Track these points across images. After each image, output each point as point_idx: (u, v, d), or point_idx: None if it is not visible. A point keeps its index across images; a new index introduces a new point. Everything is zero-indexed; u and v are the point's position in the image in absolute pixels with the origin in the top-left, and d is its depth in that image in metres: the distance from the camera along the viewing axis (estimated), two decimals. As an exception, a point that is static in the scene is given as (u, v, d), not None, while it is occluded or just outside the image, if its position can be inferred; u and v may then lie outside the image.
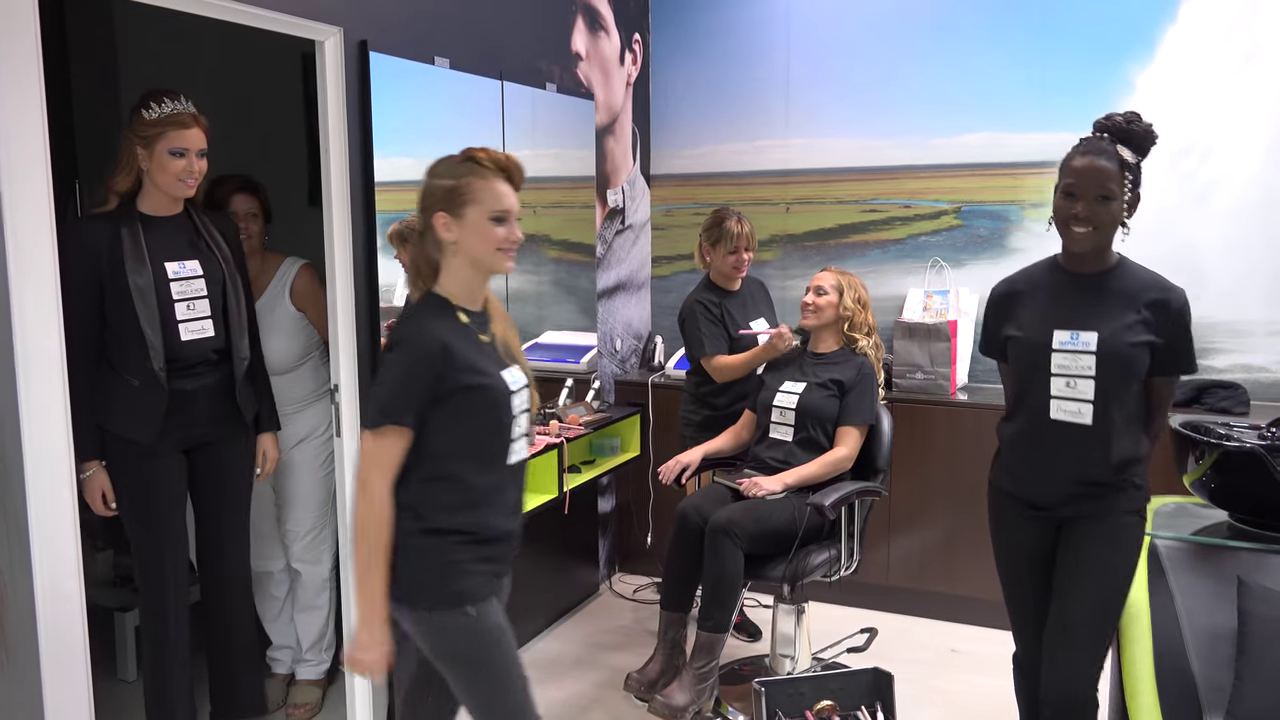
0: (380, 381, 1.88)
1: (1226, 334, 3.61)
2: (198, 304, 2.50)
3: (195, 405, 2.52)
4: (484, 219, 1.93)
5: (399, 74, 2.92)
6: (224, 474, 2.65)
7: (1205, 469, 2.48)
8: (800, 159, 4.20)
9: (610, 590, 4.22)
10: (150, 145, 2.39)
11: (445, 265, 1.96)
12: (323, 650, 3.15)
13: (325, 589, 3.12)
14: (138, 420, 2.43)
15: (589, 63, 3.96)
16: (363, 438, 1.87)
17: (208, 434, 2.58)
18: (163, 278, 2.44)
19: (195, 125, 2.43)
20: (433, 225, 1.92)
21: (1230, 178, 3.57)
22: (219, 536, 2.68)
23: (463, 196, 1.92)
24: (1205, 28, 3.53)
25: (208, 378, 2.54)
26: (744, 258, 3.37)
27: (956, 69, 3.89)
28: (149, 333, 2.38)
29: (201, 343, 2.51)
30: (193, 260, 2.51)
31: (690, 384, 3.50)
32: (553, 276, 3.85)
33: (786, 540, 2.92)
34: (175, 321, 2.45)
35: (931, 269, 4.01)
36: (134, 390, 2.42)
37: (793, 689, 2.74)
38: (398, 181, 2.97)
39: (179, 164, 2.41)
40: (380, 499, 1.85)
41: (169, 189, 2.44)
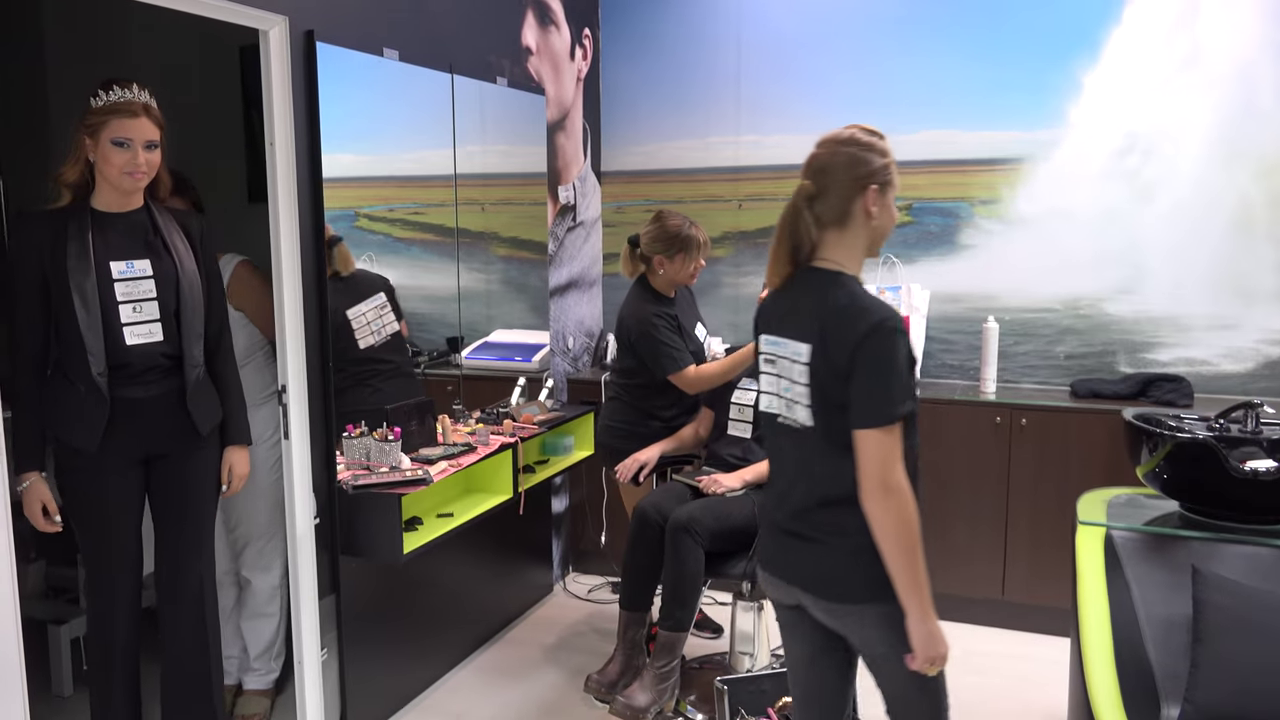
0: (881, 372, 1.76)
1: (1170, 328, 3.69)
2: (145, 306, 2.35)
3: (147, 415, 2.39)
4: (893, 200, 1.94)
5: (346, 66, 2.84)
6: (182, 489, 2.49)
7: (1158, 460, 2.52)
8: (752, 156, 4.19)
9: (564, 590, 4.17)
10: (96, 134, 2.26)
11: (856, 244, 1.90)
12: (271, 659, 3.05)
13: (275, 596, 3.02)
14: (82, 428, 2.31)
15: (539, 57, 3.91)
16: (868, 438, 1.76)
17: (164, 446, 2.44)
18: (106, 278, 2.30)
19: (144, 115, 2.28)
20: (865, 200, 1.87)
21: (1173, 176, 3.64)
22: (174, 553, 2.52)
23: (888, 176, 1.92)
24: (1148, 29, 3.60)
25: (159, 386, 2.40)
26: (702, 265, 3.29)
27: (907, 66, 3.92)
28: (88, 336, 2.26)
29: (148, 348, 2.36)
30: (143, 260, 2.36)
31: (633, 395, 3.32)
32: (502, 274, 3.80)
33: (746, 537, 2.90)
34: (119, 325, 2.31)
35: (883, 265, 4.03)
36: (79, 396, 2.30)
37: (754, 686, 2.73)
38: (344, 178, 2.89)
39: (122, 155, 2.27)
40: (910, 496, 1.76)
41: (115, 182, 2.31)
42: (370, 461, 2.91)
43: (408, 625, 3.21)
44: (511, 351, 3.81)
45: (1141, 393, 3.58)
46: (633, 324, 3.23)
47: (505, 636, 3.73)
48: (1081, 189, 3.74)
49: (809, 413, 1.85)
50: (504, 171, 3.78)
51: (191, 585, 2.54)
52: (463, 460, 3.09)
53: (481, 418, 3.53)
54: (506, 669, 3.46)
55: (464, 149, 3.44)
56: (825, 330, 1.81)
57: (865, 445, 1.77)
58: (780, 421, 1.92)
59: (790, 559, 1.93)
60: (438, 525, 3.04)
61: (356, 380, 3.00)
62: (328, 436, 2.81)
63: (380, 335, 3.07)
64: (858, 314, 1.79)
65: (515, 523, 3.61)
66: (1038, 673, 3.33)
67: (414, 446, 3.07)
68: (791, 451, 1.91)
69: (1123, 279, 3.73)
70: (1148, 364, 3.73)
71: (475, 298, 3.62)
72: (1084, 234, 3.76)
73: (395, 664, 3.15)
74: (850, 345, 1.77)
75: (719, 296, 4.30)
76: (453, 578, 3.44)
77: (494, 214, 3.71)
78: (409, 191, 3.32)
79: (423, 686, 3.30)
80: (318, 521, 2.76)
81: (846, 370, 1.78)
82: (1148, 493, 2.73)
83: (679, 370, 3.16)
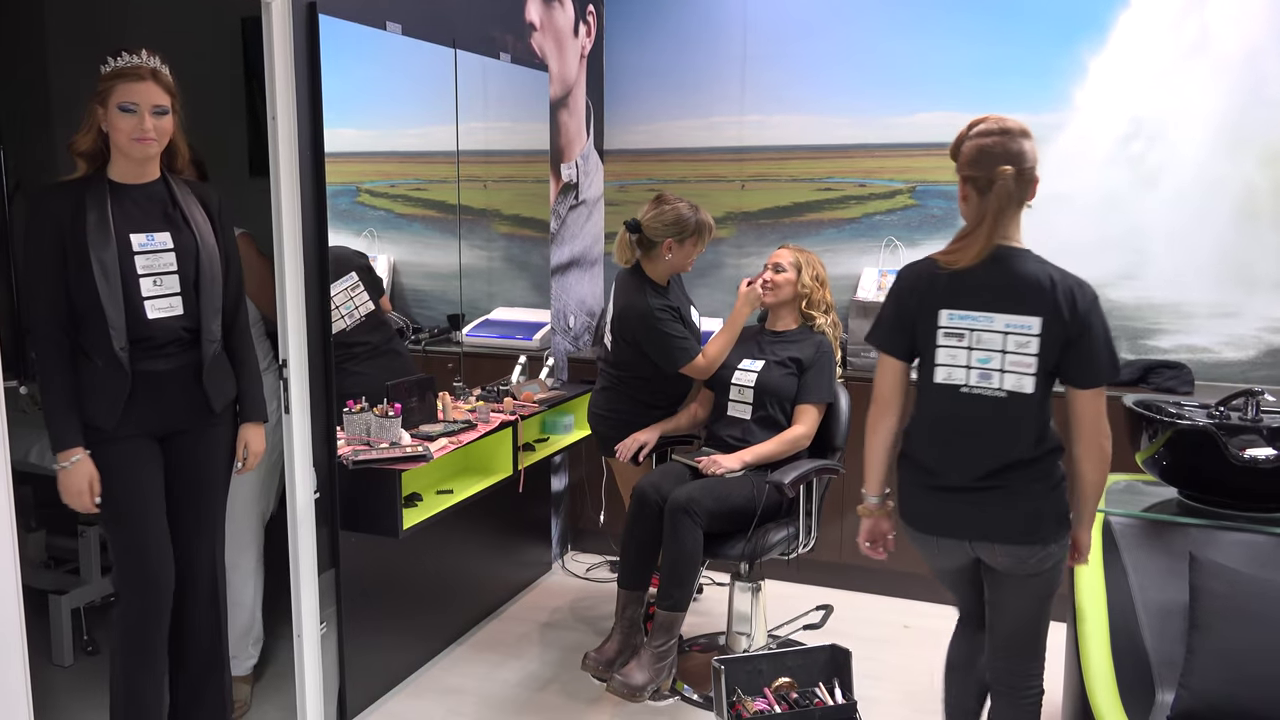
0: (1106, 336, 2.03)
1: (1171, 315, 3.69)
2: (166, 279, 2.31)
3: (167, 389, 2.34)
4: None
5: (349, 39, 2.82)
6: (196, 466, 2.46)
7: (1158, 447, 2.52)
8: (755, 136, 4.17)
9: (563, 569, 4.18)
10: (105, 100, 2.21)
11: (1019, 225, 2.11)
12: (250, 645, 3.01)
13: (250, 580, 2.99)
14: (101, 405, 2.26)
15: (543, 33, 3.88)
16: (1096, 394, 2.05)
17: (181, 421, 2.40)
18: (127, 250, 2.25)
19: (150, 79, 2.23)
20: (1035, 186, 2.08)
21: (1178, 162, 3.63)
22: (185, 533, 2.46)
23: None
24: (1158, 12, 3.57)
25: (178, 360, 2.35)
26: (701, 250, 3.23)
27: (912, 48, 3.89)
28: (110, 310, 2.21)
29: (169, 321, 2.32)
30: (163, 232, 2.31)
31: (631, 387, 3.25)
32: (504, 252, 3.78)
33: (745, 518, 2.91)
34: (140, 298, 2.27)
35: (886, 248, 4.02)
36: (98, 372, 2.25)
37: (751, 666, 2.74)
38: (346, 153, 2.88)
39: (129, 121, 2.21)
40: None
41: (125, 150, 2.24)
42: (370, 437, 2.92)
43: (407, 601, 3.22)
44: (512, 330, 3.80)
45: (1142, 379, 3.58)
46: (635, 319, 3.14)
47: (503, 614, 3.75)
48: (1085, 173, 3.73)
49: (1032, 380, 2.04)
50: (506, 148, 3.76)
51: (206, 563, 2.52)
52: (463, 437, 3.09)
53: (482, 395, 3.53)
54: (504, 646, 3.48)
55: (466, 125, 3.42)
56: (1057, 302, 2.01)
57: (1094, 401, 2.05)
58: (966, 391, 2.09)
59: (976, 515, 2.12)
60: (437, 502, 3.04)
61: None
62: (328, 411, 2.81)
63: (353, 317, 3.01)
64: (1077, 285, 2.03)
65: (514, 500, 3.62)
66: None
67: (414, 423, 3.07)
68: (989, 417, 2.08)
69: (1125, 265, 3.72)
70: (1149, 350, 3.73)
71: (477, 275, 3.61)
72: (1086, 219, 3.74)
73: (394, 639, 3.17)
74: (1081, 314, 2.01)
75: (721, 277, 4.29)
76: (452, 554, 3.45)
77: (496, 191, 3.69)
78: (411, 167, 3.30)
79: (421, 662, 3.31)
80: (318, 496, 2.76)
81: (1075, 337, 2.01)
82: (1146, 479, 2.73)
83: (691, 360, 3.12)
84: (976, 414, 2.08)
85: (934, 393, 2.13)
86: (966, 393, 2.08)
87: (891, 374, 2.21)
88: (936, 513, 2.18)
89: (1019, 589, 2.16)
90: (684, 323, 3.18)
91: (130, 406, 2.29)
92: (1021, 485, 2.08)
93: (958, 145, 2.15)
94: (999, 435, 2.08)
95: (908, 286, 2.17)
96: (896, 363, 2.20)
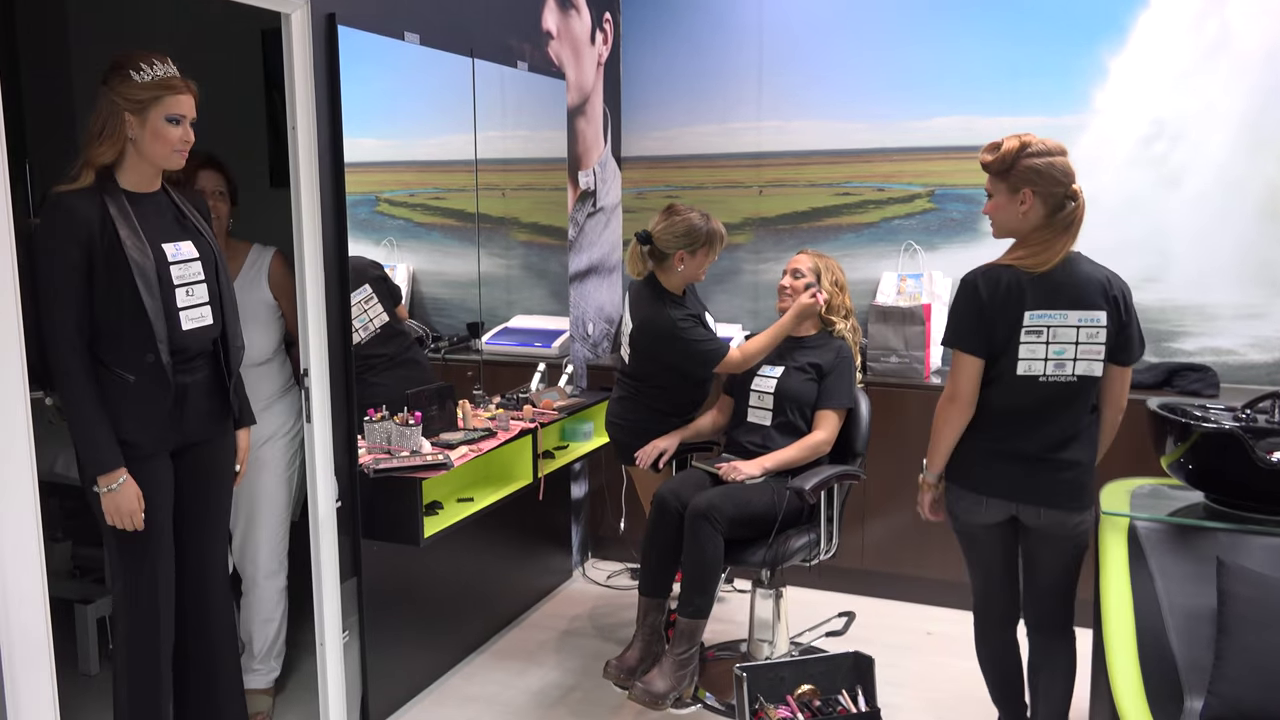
0: (1138, 322, 2.42)
1: (1195, 317, 3.65)
2: (196, 289, 2.29)
3: (190, 402, 2.32)
4: None
5: (368, 49, 2.84)
6: (211, 476, 2.44)
7: (1184, 451, 2.50)
8: (773, 142, 4.17)
9: (583, 576, 4.18)
10: (143, 112, 2.16)
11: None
12: (273, 658, 3.01)
13: (282, 599, 2.99)
14: (137, 421, 2.21)
15: (560, 41, 3.89)
16: (1128, 370, 2.44)
17: (199, 433, 2.38)
18: (163, 260, 2.22)
19: (188, 91, 2.22)
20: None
21: (1200, 162, 3.60)
22: (202, 547, 2.46)
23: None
24: (1178, 12, 3.55)
25: (204, 371, 2.35)
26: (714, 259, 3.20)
27: (929, 52, 3.88)
28: (155, 321, 2.15)
29: (202, 332, 2.30)
30: (186, 241, 2.29)
31: (650, 397, 3.22)
32: (522, 260, 3.79)
33: (766, 525, 2.90)
34: (176, 309, 2.24)
35: (905, 253, 4.00)
36: (129, 387, 2.19)
37: (774, 674, 2.73)
38: (365, 162, 2.90)
39: (175, 132, 2.19)
40: None
41: (161, 160, 2.22)
42: (391, 446, 2.93)
43: (428, 609, 3.23)
44: (531, 337, 3.81)
45: (1166, 382, 3.54)
46: (658, 335, 3.10)
47: (524, 621, 3.75)
48: (1106, 175, 3.70)
49: (1100, 365, 2.37)
50: (524, 156, 3.77)
51: (219, 572, 2.52)
52: (483, 445, 3.09)
53: (501, 403, 3.53)
54: (525, 654, 3.48)
55: (484, 134, 3.43)
56: (1114, 297, 2.36)
57: (1128, 375, 2.45)
58: (1043, 380, 2.37)
59: (1028, 482, 2.41)
60: (458, 510, 3.05)
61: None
62: (349, 420, 2.82)
63: (367, 330, 3.01)
64: (1120, 280, 2.40)
65: (535, 508, 3.62)
66: (1057, 662, 3.31)
67: (435, 431, 3.08)
68: (1058, 402, 2.38)
69: (1147, 267, 3.69)
70: (1173, 353, 3.69)
71: (495, 283, 3.62)
72: (1108, 221, 3.70)
73: (415, 647, 3.17)
74: (1127, 305, 2.38)
75: (739, 283, 4.29)
76: (472, 562, 3.46)
77: (514, 199, 3.71)
78: (429, 176, 3.32)
79: (442, 670, 3.32)
80: (339, 505, 2.78)
81: (1124, 325, 2.38)
82: (1172, 483, 2.70)
83: (722, 358, 3.08)
84: (1050, 397, 2.38)
85: (1014, 383, 2.39)
86: (1044, 381, 2.37)
87: (973, 372, 2.41)
88: (994, 476, 2.45)
89: (1056, 548, 2.47)
90: (705, 327, 3.17)
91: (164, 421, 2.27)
92: (1073, 456, 2.40)
93: (1013, 160, 2.37)
94: (1067, 413, 2.40)
95: (989, 291, 2.37)
96: (978, 361, 2.40)
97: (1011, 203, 2.38)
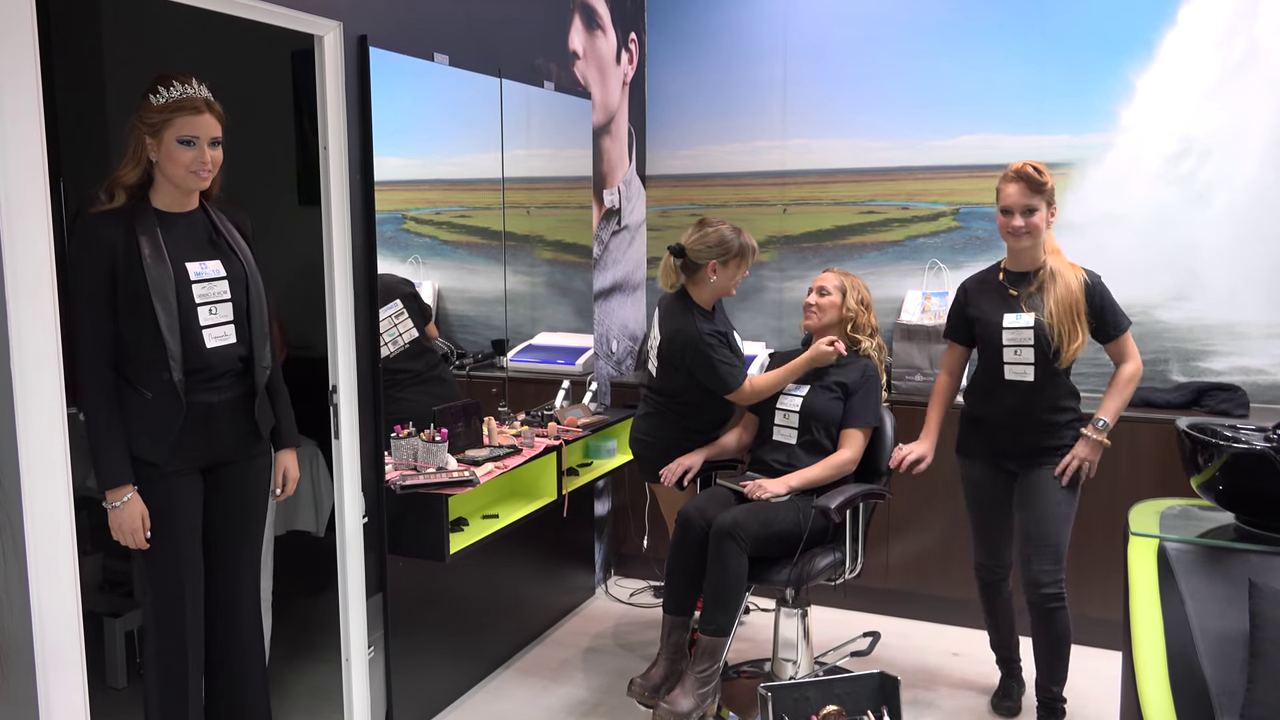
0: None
1: (1225, 336, 3.62)
2: (221, 308, 2.30)
3: (217, 420, 2.33)
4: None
5: (398, 70, 2.88)
6: (243, 497, 2.45)
7: (1214, 471, 2.47)
8: (797, 160, 4.18)
9: (606, 594, 4.18)
10: (158, 133, 2.19)
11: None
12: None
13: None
14: (151, 438, 2.23)
15: (586, 62, 3.93)
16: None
17: (229, 452, 2.39)
18: (184, 279, 2.24)
19: (208, 111, 2.22)
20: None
21: (1229, 179, 3.57)
22: (232, 566, 2.46)
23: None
24: (1206, 29, 3.53)
25: (232, 390, 2.35)
26: (745, 273, 3.23)
27: (954, 70, 3.89)
28: (169, 339, 2.18)
29: (226, 350, 2.31)
30: (214, 260, 2.31)
31: (678, 413, 3.23)
32: (547, 277, 3.82)
33: (791, 543, 2.89)
34: (199, 327, 2.26)
35: (929, 270, 4.00)
36: (146, 404, 2.22)
37: (798, 694, 2.71)
38: (393, 181, 2.93)
39: (188, 154, 2.20)
40: None
41: (179, 181, 2.24)
42: (417, 462, 2.94)
43: (452, 625, 3.24)
44: (556, 354, 3.83)
45: (1195, 402, 3.51)
46: (684, 345, 3.12)
47: (548, 638, 3.75)
48: (1133, 193, 3.68)
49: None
50: (549, 175, 3.80)
51: (250, 596, 2.53)
52: (508, 462, 3.11)
53: (526, 420, 3.55)
54: (549, 671, 3.48)
55: (510, 152, 3.47)
56: None
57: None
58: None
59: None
60: (483, 526, 3.06)
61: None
62: (376, 436, 2.84)
63: (397, 344, 3.04)
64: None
65: (559, 525, 3.63)
66: (1085, 685, 3.27)
67: (460, 448, 3.10)
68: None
69: (1176, 285, 3.66)
70: (1201, 373, 3.66)
71: (520, 300, 3.64)
72: (1135, 239, 3.70)
73: (439, 663, 3.18)
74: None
75: (763, 301, 4.29)
76: (497, 579, 3.47)
77: (539, 217, 3.73)
78: (456, 194, 3.35)
79: (466, 686, 3.32)
80: (366, 521, 2.79)
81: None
82: (1202, 504, 2.67)
83: (738, 385, 3.10)
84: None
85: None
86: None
87: None
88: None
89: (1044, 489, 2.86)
90: (730, 348, 3.17)
91: (180, 439, 2.27)
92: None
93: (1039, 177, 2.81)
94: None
95: None
96: None
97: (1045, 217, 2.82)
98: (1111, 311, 2.88)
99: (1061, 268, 2.87)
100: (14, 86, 1.88)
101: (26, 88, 1.90)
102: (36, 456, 1.97)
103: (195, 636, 2.39)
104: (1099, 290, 2.86)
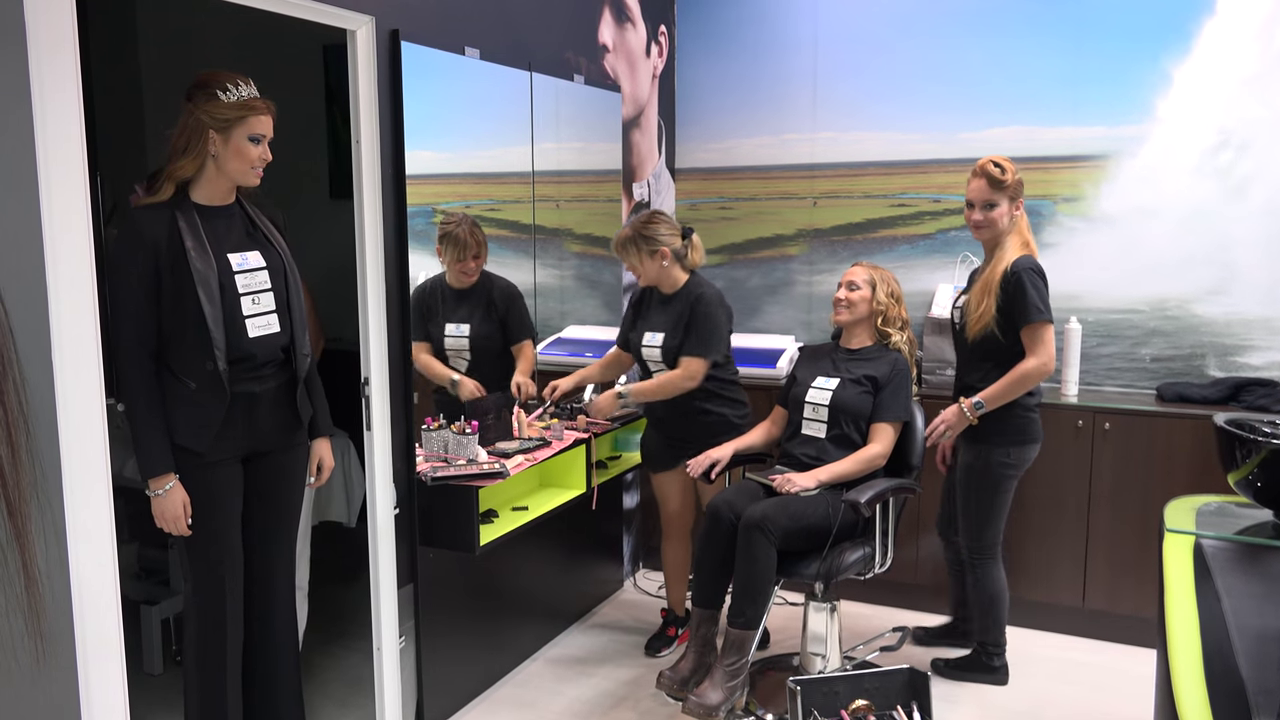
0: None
1: (1263, 331, 3.56)
2: (263, 298, 2.34)
3: (259, 410, 2.37)
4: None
5: (429, 64, 2.89)
6: (280, 486, 2.49)
7: (1252, 468, 2.44)
8: (827, 153, 4.16)
9: (634, 587, 4.19)
10: (228, 130, 2.24)
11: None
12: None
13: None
14: (194, 427, 2.27)
15: (615, 55, 3.93)
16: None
17: (269, 441, 2.43)
18: (227, 270, 2.28)
19: (268, 111, 2.30)
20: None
21: (1267, 172, 3.51)
22: (269, 554, 2.50)
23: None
24: (1245, 19, 3.48)
25: (274, 379, 2.39)
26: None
27: (987, 62, 3.85)
28: (214, 330, 2.22)
29: (269, 339, 2.35)
30: (253, 251, 2.36)
31: (716, 385, 3.29)
32: (576, 270, 3.82)
33: (820, 537, 2.88)
34: (243, 318, 2.30)
35: (961, 264, 3.96)
36: (189, 394, 2.26)
37: (828, 688, 2.71)
38: (423, 174, 2.94)
39: (256, 151, 2.28)
40: None
41: (239, 177, 2.30)
42: (448, 454, 2.96)
43: (482, 616, 3.26)
44: (584, 347, 3.83)
45: (1232, 397, 3.46)
46: (708, 303, 3.23)
47: (576, 630, 3.77)
48: (1170, 186, 3.63)
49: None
50: (579, 168, 3.81)
51: (285, 584, 2.56)
52: (538, 455, 3.12)
53: (555, 413, 3.56)
54: (577, 663, 3.49)
55: (540, 146, 3.47)
56: None
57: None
58: None
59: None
60: (513, 518, 3.08)
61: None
62: (408, 428, 2.87)
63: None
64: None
65: (587, 518, 3.64)
66: (1118, 683, 3.25)
67: (491, 440, 3.12)
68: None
69: (1213, 279, 3.61)
70: (1239, 368, 3.61)
71: (549, 294, 3.65)
72: (1172, 233, 3.65)
73: (469, 653, 3.20)
74: None
75: (792, 294, 4.27)
76: (526, 570, 3.49)
77: (568, 211, 3.74)
78: (486, 188, 3.36)
79: (496, 676, 3.35)
80: (397, 512, 2.82)
81: None
82: (1239, 501, 2.64)
83: (707, 361, 3.22)
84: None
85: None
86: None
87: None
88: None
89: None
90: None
91: (223, 429, 2.31)
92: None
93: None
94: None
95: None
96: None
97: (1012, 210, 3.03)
98: (1022, 301, 2.96)
99: (1006, 255, 3.02)
100: (54, 81, 1.91)
101: (66, 83, 1.93)
102: (77, 446, 2.00)
103: (235, 623, 2.43)
104: (1018, 279, 2.97)
